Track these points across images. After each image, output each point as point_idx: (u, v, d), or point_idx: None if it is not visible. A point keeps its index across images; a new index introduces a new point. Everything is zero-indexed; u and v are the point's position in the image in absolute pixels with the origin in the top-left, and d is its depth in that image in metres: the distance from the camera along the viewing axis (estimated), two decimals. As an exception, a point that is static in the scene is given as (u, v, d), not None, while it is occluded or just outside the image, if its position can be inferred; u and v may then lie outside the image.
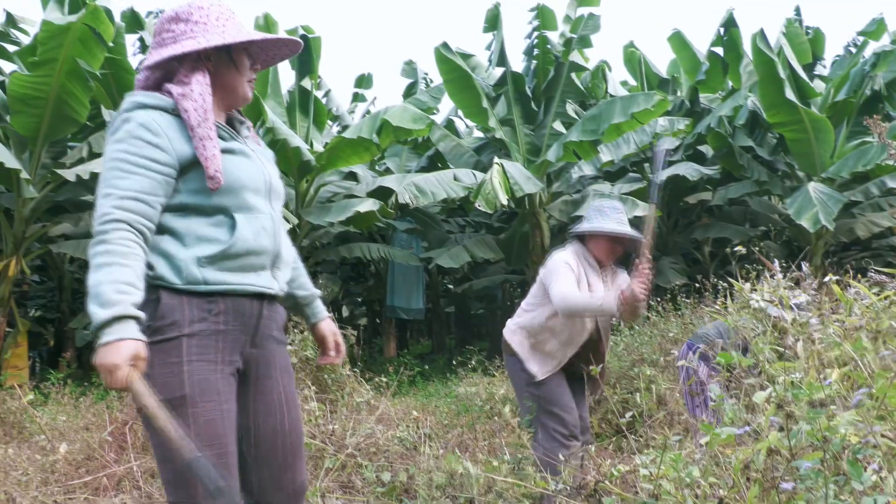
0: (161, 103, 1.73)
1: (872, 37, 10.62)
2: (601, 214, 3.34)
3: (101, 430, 3.97)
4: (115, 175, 1.64)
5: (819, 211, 7.90)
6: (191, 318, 1.66)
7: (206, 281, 1.67)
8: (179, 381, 1.63)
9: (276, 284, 1.84)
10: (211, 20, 1.78)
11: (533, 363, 3.30)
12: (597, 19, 10.19)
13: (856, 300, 2.96)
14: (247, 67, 1.86)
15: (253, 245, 1.74)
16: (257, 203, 1.78)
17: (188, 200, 1.71)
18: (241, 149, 1.80)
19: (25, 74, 7.19)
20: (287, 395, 1.87)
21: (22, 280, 9.82)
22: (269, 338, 1.84)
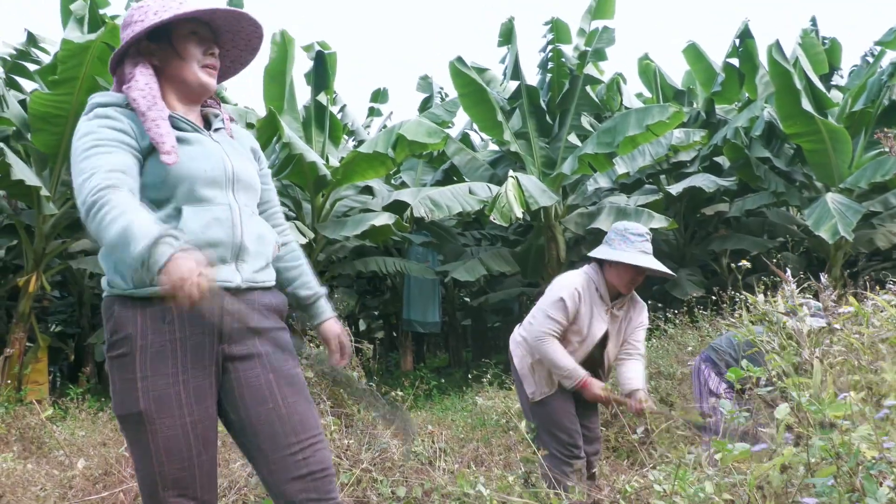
0: (114, 99, 1.73)
1: (890, 46, 10.53)
2: (625, 241, 3.11)
3: (118, 446, 4.00)
4: (93, 153, 1.59)
5: (838, 222, 7.83)
6: (143, 329, 1.62)
7: (154, 281, 1.52)
8: (135, 398, 1.61)
9: (239, 277, 1.73)
10: (149, 14, 1.73)
11: (531, 383, 3.24)
12: (611, 32, 10.19)
13: (874, 312, 2.94)
14: (194, 54, 1.77)
15: (201, 237, 1.65)
16: (211, 194, 1.72)
17: (146, 195, 1.67)
18: (196, 139, 1.76)
19: (46, 93, 7.30)
20: (280, 378, 1.76)
21: (42, 296, 9.93)
22: (242, 330, 1.73)
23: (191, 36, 1.77)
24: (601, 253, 3.15)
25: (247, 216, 1.79)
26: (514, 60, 10.25)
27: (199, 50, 1.79)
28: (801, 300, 3.01)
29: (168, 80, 1.79)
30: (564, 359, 3.08)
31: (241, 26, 1.87)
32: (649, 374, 5.46)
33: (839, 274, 9.04)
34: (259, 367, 1.75)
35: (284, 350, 1.82)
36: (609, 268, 3.16)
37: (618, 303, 3.23)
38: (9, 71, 8.90)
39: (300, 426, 1.75)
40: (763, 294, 3.33)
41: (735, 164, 10.01)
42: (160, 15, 1.71)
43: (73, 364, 12.80)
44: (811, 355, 2.70)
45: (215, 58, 1.83)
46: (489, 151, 12.68)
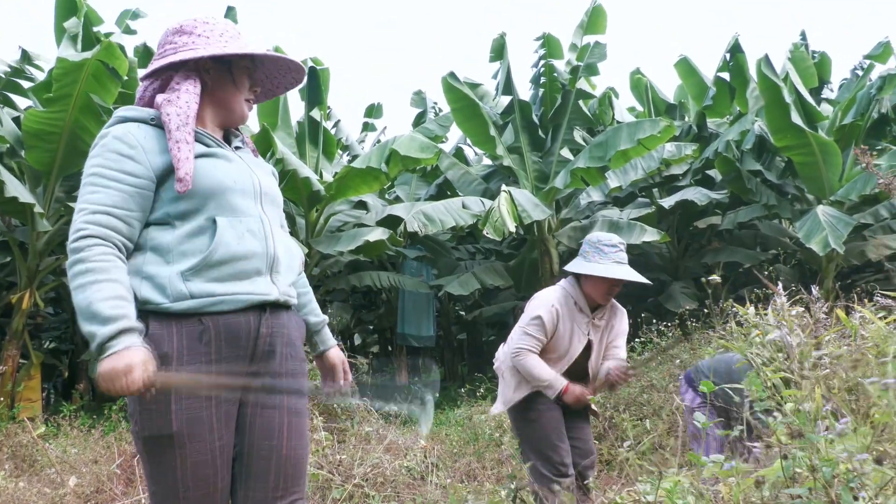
0: (141, 115, 1.72)
1: (879, 60, 10.64)
2: (598, 252, 3.14)
3: (109, 463, 4.00)
4: (88, 190, 1.63)
5: (828, 234, 7.87)
6: (179, 349, 1.60)
7: (193, 294, 1.61)
8: (167, 420, 1.58)
9: (276, 290, 1.75)
10: (214, 35, 1.78)
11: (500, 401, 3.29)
12: (603, 47, 10.28)
13: (862, 325, 2.96)
14: (246, 87, 1.85)
15: (237, 249, 1.67)
16: (242, 205, 1.73)
17: (170, 209, 1.67)
18: (224, 154, 1.77)
19: (40, 110, 7.32)
20: (293, 418, 1.76)
21: (36, 312, 9.90)
22: (271, 354, 1.74)
23: (245, 70, 1.85)
24: (575, 266, 3.18)
25: (276, 229, 1.82)
26: (506, 75, 10.32)
27: (248, 84, 1.87)
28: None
29: (213, 102, 1.83)
30: (543, 370, 3.11)
31: (284, 74, 1.99)
32: (641, 387, 5.48)
33: (831, 286, 9.07)
34: (277, 400, 1.75)
35: (301, 408, 1.82)
36: (585, 280, 3.18)
37: (598, 313, 3.25)
38: (3, 88, 8.93)
39: (293, 475, 1.75)
40: (754, 307, 3.36)
41: (727, 178, 10.07)
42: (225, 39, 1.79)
43: (66, 381, 12.74)
44: (800, 369, 2.72)
45: (255, 95, 1.92)
46: (482, 166, 12.73)
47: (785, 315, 3.11)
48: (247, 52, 1.78)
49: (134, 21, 8.98)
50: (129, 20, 8.95)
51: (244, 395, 1.73)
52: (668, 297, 10.43)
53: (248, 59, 1.84)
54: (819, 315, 3.32)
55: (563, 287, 3.24)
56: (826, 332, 2.95)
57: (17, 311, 7.96)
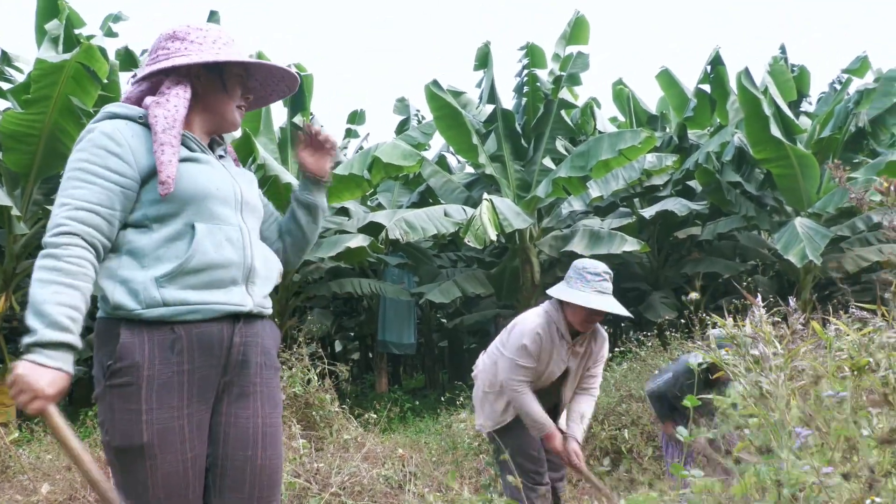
0: (130, 112, 1.71)
1: (857, 74, 10.79)
2: (581, 279, 3.09)
3: (83, 470, 3.95)
4: (72, 185, 1.59)
5: (806, 246, 7.95)
6: (151, 358, 1.57)
7: (166, 301, 1.58)
8: (138, 430, 1.55)
9: (251, 301, 1.73)
10: (207, 41, 1.76)
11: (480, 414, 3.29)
12: (586, 58, 10.34)
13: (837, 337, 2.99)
14: (237, 94, 1.83)
15: (214, 257, 1.65)
16: (222, 213, 1.72)
17: (149, 211, 1.65)
18: (207, 160, 1.76)
19: (18, 112, 7.25)
20: (266, 429, 1.74)
21: (12, 316, 9.78)
22: (245, 364, 1.72)
23: (237, 77, 1.83)
24: (556, 291, 3.16)
25: (255, 238, 1.81)
26: (489, 84, 10.35)
27: (240, 91, 1.85)
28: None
29: (204, 109, 1.81)
30: (537, 412, 3.09)
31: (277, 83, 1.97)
32: (620, 397, 5.50)
33: (809, 297, 9.17)
34: (251, 409, 1.73)
35: (275, 398, 1.80)
36: (567, 306, 3.14)
37: (579, 339, 3.22)
38: (-19, 89, 8.83)
39: (268, 484, 1.73)
40: (732, 318, 3.39)
41: (707, 189, 10.16)
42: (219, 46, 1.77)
43: (42, 386, 12.58)
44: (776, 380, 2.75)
45: (248, 102, 1.89)
46: (465, 174, 12.75)
47: (763, 326, 3.15)
48: (239, 59, 1.77)
49: (116, 24, 8.92)
50: (112, 23, 8.88)
51: (217, 403, 1.71)
52: (648, 306, 10.49)
53: (240, 66, 1.83)
54: (796, 326, 3.36)
55: (546, 311, 3.20)
56: (802, 344, 2.99)
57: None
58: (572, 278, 3.13)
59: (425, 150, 10.84)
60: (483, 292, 10.83)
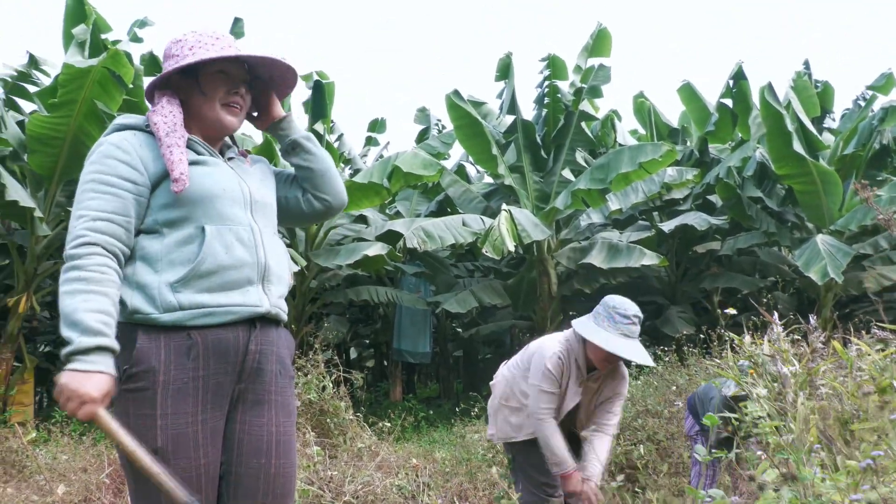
0: (136, 122, 1.76)
1: (881, 91, 10.69)
2: (610, 319, 2.97)
3: (99, 472, 3.98)
4: (87, 196, 1.63)
5: (827, 263, 7.88)
6: (167, 364, 1.59)
7: (182, 305, 1.60)
8: (152, 435, 1.56)
9: (267, 301, 1.73)
10: (184, 51, 1.78)
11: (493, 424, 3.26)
12: (607, 70, 10.32)
13: (858, 357, 2.95)
14: (217, 92, 1.79)
15: (225, 259, 1.66)
16: (231, 213, 1.72)
17: (159, 217, 1.68)
18: (214, 162, 1.78)
19: (44, 115, 7.34)
20: (280, 437, 1.74)
21: (32, 316, 9.89)
22: (260, 372, 1.73)
23: (217, 75, 1.79)
24: (581, 327, 3.05)
25: (268, 237, 1.80)
26: (510, 95, 10.36)
27: (224, 89, 1.80)
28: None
29: (190, 115, 1.82)
30: (559, 446, 3.00)
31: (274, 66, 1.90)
32: (636, 412, 5.46)
33: (829, 315, 9.07)
34: (265, 418, 1.73)
35: (289, 407, 1.81)
36: (588, 341, 3.03)
37: (593, 375, 3.15)
38: (9, 92, 8.95)
39: (281, 493, 1.73)
40: (750, 335, 3.35)
41: (727, 203, 10.09)
42: (194, 51, 1.76)
43: (59, 386, 12.69)
44: (795, 399, 2.71)
45: (240, 97, 1.84)
46: (484, 184, 12.76)
47: (781, 345, 3.11)
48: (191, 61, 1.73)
49: (142, 30, 9.02)
50: (138, 29, 8.98)
51: (231, 411, 1.71)
52: (666, 321, 10.42)
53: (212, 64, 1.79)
54: (816, 345, 3.32)
55: (567, 340, 3.13)
56: (822, 363, 2.95)
57: (14, 315, 7.95)
58: (601, 315, 3.01)
59: (445, 160, 10.86)
60: (499, 303, 10.81)
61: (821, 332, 3.44)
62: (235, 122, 1.84)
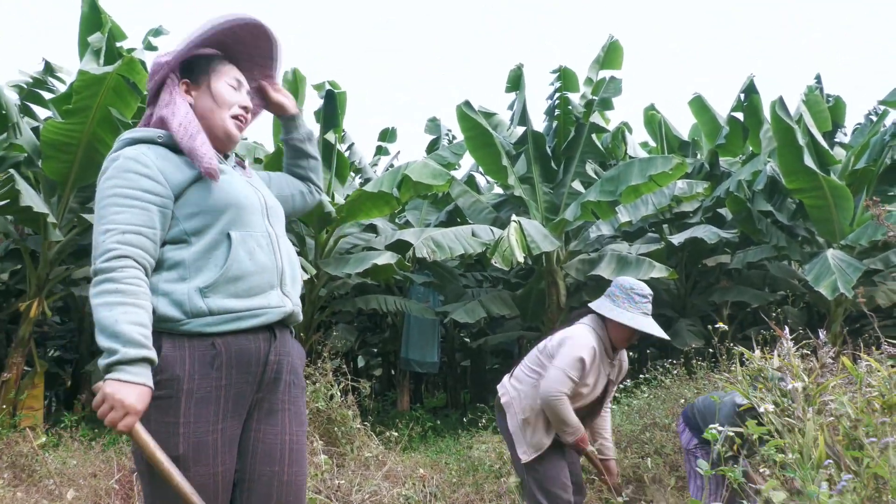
0: (148, 135, 1.76)
1: (893, 106, 10.62)
2: (629, 300, 3.17)
3: (108, 478, 4.00)
4: (112, 211, 1.64)
5: (837, 278, 7.84)
6: (191, 373, 1.61)
7: (211, 310, 1.63)
8: (174, 443, 1.59)
9: (290, 302, 1.79)
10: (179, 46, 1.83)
11: (522, 442, 3.22)
12: (618, 83, 10.34)
13: (868, 373, 2.94)
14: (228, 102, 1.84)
15: (249, 265, 1.71)
16: (252, 221, 1.77)
17: (186, 226, 1.70)
18: (229, 171, 1.82)
19: (59, 121, 7.41)
20: (293, 445, 1.78)
21: (43, 321, 9.95)
22: (277, 381, 1.77)
23: (227, 85, 1.85)
24: (607, 310, 3.20)
25: (283, 242, 1.86)
26: (521, 106, 10.39)
27: (237, 99, 1.86)
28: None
29: (201, 115, 1.84)
30: (573, 416, 3.11)
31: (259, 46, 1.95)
32: (643, 425, 5.45)
33: (839, 330, 9.02)
34: (279, 426, 1.77)
35: (301, 416, 1.84)
36: (611, 324, 3.22)
37: (616, 354, 3.33)
38: (24, 98, 9.05)
39: (294, 501, 1.76)
40: (760, 349, 3.35)
41: (737, 217, 10.07)
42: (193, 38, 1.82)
43: (69, 390, 12.75)
44: (804, 414, 2.71)
45: (247, 111, 1.89)
46: (493, 194, 12.77)
47: (790, 360, 3.10)
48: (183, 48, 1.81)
49: (156, 38, 9.11)
50: (152, 37, 9.07)
51: (247, 419, 1.74)
52: (675, 333, 10.38)
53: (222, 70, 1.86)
54: (825, 360, 3.31)
55: (593, 329, 3.24)
56: (832, 378, 2.94)
57: (25, 319, 8.00)
58: (619, 297, 3.20)
59: (455, 170, 10.88)
60: (508, 313, 10.80)
61: (830, 347, 3.43)
62: (240, 136, 1.90)
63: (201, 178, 1.74)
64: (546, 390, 3.11)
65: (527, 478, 3.22)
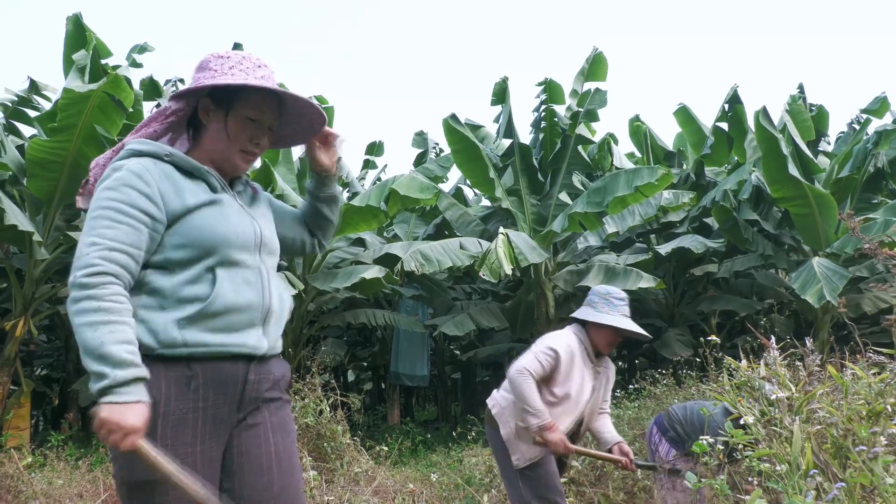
0: (156, 150, 1.71)
1: (876, 115, 10.79)
2: (608, 304, 3.30)
3: (94, 498, 3.96)
4: (102, 224, 1.59)
5: (823, 286, 7.89)
6: (167, 395, 1.60)
7: (186, 343, 1.60)
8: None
9: (266, 343, 1.75)
10: (223, 69, 1.77)
11: (517, 449, 3.23)
12: (603, 94, 10.41)
13: (853, 380, 2.96)
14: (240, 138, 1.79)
15: (235, 301, 1.67)
16: (242, 257, 1.73)
17: (171, 255, 1.66)
18: (228, 201, 1.77)
19: (44, 139, 7.38)
20: (280, 455, 1.76)
21: (29, 340, 9.86)
22: (256, 400, 1.75)
23: (247, 121, 1.78)
24: (589, 315, 3.31)
25: (273, 278, 1.82)
26: (507, 119, 10.44)
27: (248, 135, 1.80)
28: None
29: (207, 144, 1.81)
30: (537, 398, 3.16)
31: (306, 110, 1.90)
32: (633, 436, 5.45)
33: (826, 338, 9.07)
34: (262, 438, 1.75)
35: (286, 426, 1.82)
36: (593, 329, 3.32)
37: (599, 361, 3.39)
38: (9, 117, 9.01)
39: None
40: (747, 359, 3.36)
41: (723, 226, 10.13)
42: (234, 73, 1.75)
43: (56, 409, 12.64)
44: (790, 423, 2.72)
45: (259, 148, 1.84)
46: (481, 207, 12.80)
47: (777, 368, 3.12)
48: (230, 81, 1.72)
49: (141, 55, 9.10)
50: (137, 54, 9.06)
51: (229, 439, 1.73)
52: (663, 343, 10.42)
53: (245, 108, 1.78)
54: (813, 368, 3.33)
55: (575, 334, 3.35)
56: (819, 387, 2.96)
57: (11, 338, 7.93)
58: (598, 303, 3.32)
59: (443, 183, 10.91)
60: (497, 325, 10.80)
61: (818, 355, 3.45)
62: (248, 167, 1.86)
63: (197, 210, 1.69)
64: (513, 368, 3.22)
65: (521, 484, 3.22)
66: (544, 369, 3.19)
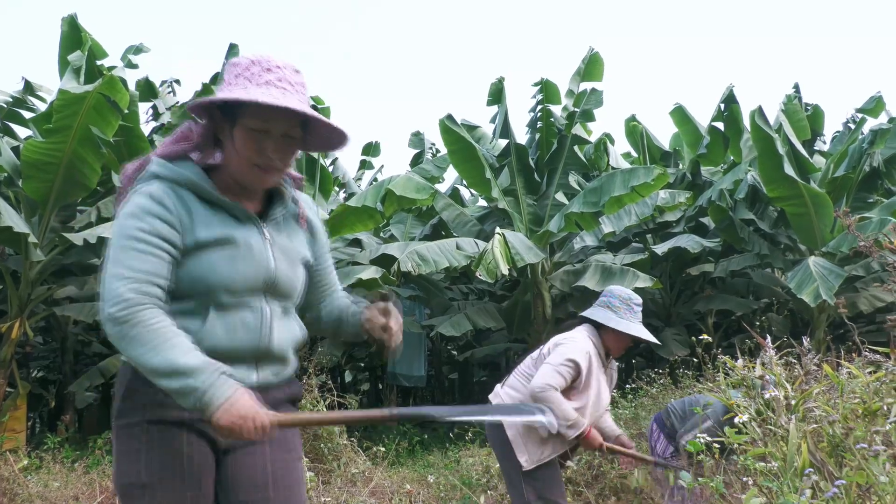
0: (176, 176, 1.63)
1: (871, 114, 10.81)
2: (629, 310, 3.22)
3: (91, 500, 3.95)
4: (128, 255, 1.53)
5: (819, 285, 7.91)
6: (155, 401, 1.58)
7: None
8: (137, 469, 1.57)
9: (255, 377, 1.68)
10: (230, 77, 1.66)
11: (523, 450, 3.16)
12: (599, 94, 10.42)
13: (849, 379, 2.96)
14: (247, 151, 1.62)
15: (224, 342, 1.62)
16: (241, 301, 1.65)
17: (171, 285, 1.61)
18: (244, 239, 1.65)
19: (39, 141, 7.37)
20: (279, 472, 1.71)
21: (25, 342, 9.83)
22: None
23: (252, 132, 1.62)
24: (611, 321, 3.20)
25: (277, 320, 1.72)
26: (503, 119, 10.43)
27: (256, 148, 1.63)
28: None
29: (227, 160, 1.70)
30: (571, 409, 3.11)
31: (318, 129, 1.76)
32: (630, 436, 5.45)
33: (823, 336, 9.08)
34: (257, 453, 1.71)
35: (287, 444, 1.77)
36: (608, 333, 3.25)
37: (609, 362, 3.38)
38: (4, 118, 8.99)
39: None
40: (743, 358, 3.36)
41: (720, 226, 10.15)
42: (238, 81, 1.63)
43: (52, 411, 12.61)
44: (786, 422, 2.72)
45: (274, 161, 1.66)
46: (477, 207, 12.80)
47: (773, 368, 3.12)
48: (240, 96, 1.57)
49: (136, 56, 9.08)
50: (132, 55, 9.04)
51: (224, 455, 1.70)
52: (661, 343, 10.42)
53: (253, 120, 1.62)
54: (809, 367, 3.33)
55: (589, 338, 3.26)
56: (815, 385, 2.96)
57: (7, 340, 7.91)
58: (619, 308, 3.22)
59: (439, 183, 10.90)
60: (494, 326, 10.80)
61: (814, 354, 3.45)
62: (273, 180, 1.70)
63: (205, 248, 1.61)
64: (533, 385, 3.10)
65: (524, 486, 3.18)
66: (566, 382, 3.13)
